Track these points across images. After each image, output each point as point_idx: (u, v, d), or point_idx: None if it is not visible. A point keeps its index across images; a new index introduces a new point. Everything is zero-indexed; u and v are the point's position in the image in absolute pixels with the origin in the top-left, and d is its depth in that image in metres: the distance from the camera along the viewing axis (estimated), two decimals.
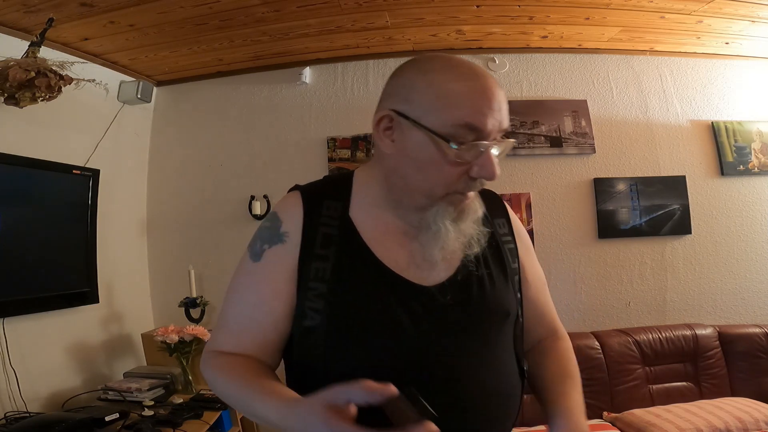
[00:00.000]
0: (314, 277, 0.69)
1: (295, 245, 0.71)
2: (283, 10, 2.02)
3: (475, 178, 0.67)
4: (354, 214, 0.74)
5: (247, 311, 0.73)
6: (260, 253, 0.73)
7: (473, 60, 2.79)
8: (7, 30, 1.89)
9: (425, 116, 0.65)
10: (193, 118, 2.73)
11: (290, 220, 0.73)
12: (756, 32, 2.36)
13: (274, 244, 0.73)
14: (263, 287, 0.72)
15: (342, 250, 0.71)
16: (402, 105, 0.67)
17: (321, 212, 0.73)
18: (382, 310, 0.68)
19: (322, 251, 0.70)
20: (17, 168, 1.82)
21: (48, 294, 1.94)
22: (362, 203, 0.75)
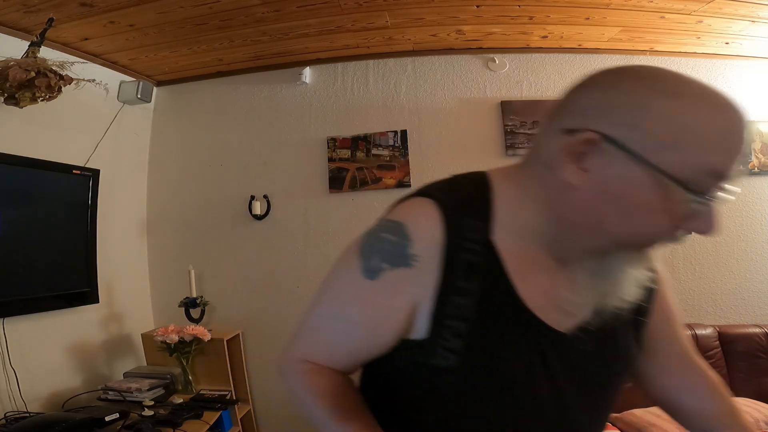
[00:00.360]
0: (453, 314, 0.58)
1: (426, 273, 0.58)
2: (283, 10, 2.02)
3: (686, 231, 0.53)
4: (497, 239, 0.59)
5: (349, 330, 0.63)
6: (376, 271, 0.59)
7: (473, 60, 2.79)
8: (7, 30, 1.89)
9: (658, 152, 0.50)
10: (193, 118, 2.73)
11: (424, 241, 0.58)
12: (756, 32, 2.36)
13: (397, 266, 0.58)
14: (373, 311, 0.61)
15: (486, 285, 0.58)
16: (620, 130, 0.51)
17: (463, 233, 0.58)
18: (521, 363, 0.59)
19: (465, 284, 0.58)
20: (17, 168, 1.82)
21: (48, 294, 1.94)
22: (507, 226, 0.60)
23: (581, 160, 0.54)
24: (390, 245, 0.59)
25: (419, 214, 0.60)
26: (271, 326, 2.56)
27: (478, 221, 0.60)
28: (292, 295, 2.56)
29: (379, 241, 0.61)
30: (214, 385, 2.29)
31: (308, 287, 2.54)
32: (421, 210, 0.60)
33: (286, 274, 2.58)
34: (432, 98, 2.62)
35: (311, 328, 0.67)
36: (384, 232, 0.61)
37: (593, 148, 0.53)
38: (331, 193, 2.57)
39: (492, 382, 0.59)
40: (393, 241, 0.59)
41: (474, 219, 0.60)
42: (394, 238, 0.59)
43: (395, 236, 0.59)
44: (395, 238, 0.59)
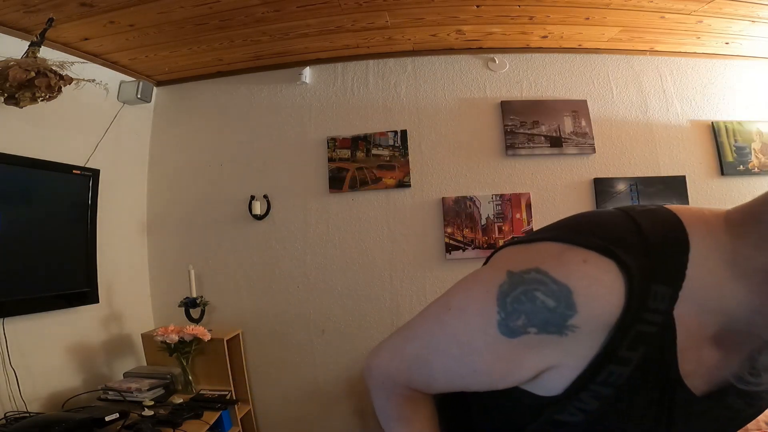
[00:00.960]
0: (603, 381, 0.50)
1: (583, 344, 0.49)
2: (283, 10, 2.03)
3: None
4: (680, 310, 0.48)
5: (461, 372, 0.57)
6: (519, 332, 0.50)
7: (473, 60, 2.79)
8: (7, 30, 1.89)
9: None
10: (193, 118, 2.73)
11: (594, 317, 0.48)
12: (756, 32, 2.36)
13: (548, 332, 0.49)
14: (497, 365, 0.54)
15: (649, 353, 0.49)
16: None
17: (647, 304, 0.47)
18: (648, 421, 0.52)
19: (628, 354, 0.49)
20: (17, 168, 1.82)
21: (48, 294, 1.94)
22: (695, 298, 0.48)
23: None
24: (546, 312, 0.48)
25: (597, 283, 0.47)
26: (271, 326, 2.56)
27: (667, 289, 0.48)
28: (292, 295, 2.56)
29: (531, 300, 0.49)
30: (214, 385, 2.29)
31: (308, 287, 2.55)
32: (601, 278, 0.47)
33: (286, 274, 2.58)
34: (432, 98, 2.62)
35: (419, 357, 0.60)
36: (541, 291, 0.49)
37: None
38: (331, 193, 2.57)
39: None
40: (551, 308, 0.48)
41: (663, 286, 0.48)
42: (554, 305, 0.48)
43: (556, 303, 0.48)
44: (555, 304, 0.48)
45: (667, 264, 0.48)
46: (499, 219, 2.50)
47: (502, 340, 0.51)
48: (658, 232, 0.50)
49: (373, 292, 2.52)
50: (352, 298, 2.52)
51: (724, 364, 0.51)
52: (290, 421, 2.50)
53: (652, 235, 0.49)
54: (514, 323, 0.50)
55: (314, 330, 2.54)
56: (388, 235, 2.54)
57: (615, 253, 0.47)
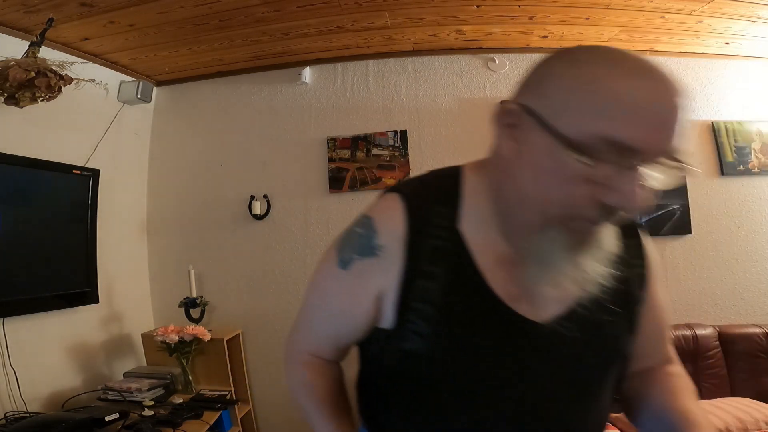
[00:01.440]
0: (419, 297, 0.60)
1: (392, 263, 0.61)
2: (283, 10, 2.02)
3: (608, 205, 0.50)
4: (464, 226, 0.62)
5: (330, 319, 0.70)
6: (348, 262, 0.65)
7: (473, 60, 2.79)
8: (7, 30, 1.89)
9: (559, 117, 0.50)
10: (193, 118, 2.73)
11: (388, 232, 0.62)
12: (756, 32, 2.36)
13: (365, 256, 0.63)
14: (347, 298, 0.66)
15: (451, 269, 0.60)
16: (534, 100, 0.53)
17: (429, 220, 0.61)
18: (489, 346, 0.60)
19: (430, 267, 0.60)
20: (17, 168, 1.82)
21: (48, 294, 1.94)
22: (472, 214, 0.62)
23: (512, 133, 0.56)
24: (359, 237, 0.65)
25: (385, 207, 0.65)
26: (271, 326, 2.56)
27: (445, 209, 0.62)
28: (292, 295, 2.56)
29: (350, 234, 0.67)
30: (214, 385, 2.29)
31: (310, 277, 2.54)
32: (387, 204, 0.65)
33: (286, 274, 2.58)
34: (432, 98, 2.62)
35: (303, 321, 0.75)
36: (355, 226, 0.67)
37: (518, 120, 0.55)
38: (331, 193, 2.57)
39: (460, 367, 0.60)
40: (362, 233, 0.65)
41: (441, 207, 0.62)
42: (363, 231, 0.65)
43: (364, 229, 0.65)
44: (363, 230, 0.65)
45: (442, 190, 0.64)
46: None
47: (342, 274, 0.66)
48: (437, 173, 0.69)
49: None
50: None
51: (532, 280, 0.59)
52: (290, 421, 2.50)
53: (432, 175, 0.69)
54: (345, 255, 0.66)
55: None
56: None
57: (400, 188, 0.65)
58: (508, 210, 0.60)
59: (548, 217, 0.54)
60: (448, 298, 0.60)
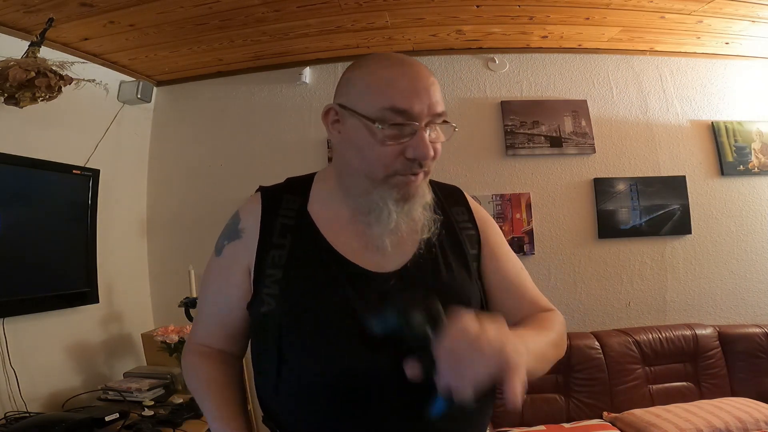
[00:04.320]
0: (271, 264, 0.74)
1: (251, 239, 0.77)
2: (283, 10, 2.02)
3: (412, 158, 0.70)
4: (312, 207, 0.79)
5: (211, 300, 0.83)
6: (221, 248, 0.81)
7: (473, 60, 2.79)
8: (7, 30, 1.89)
9: (358, 104, 0.71)
10: (193, 118, 2.73)
11: (248, 217, 0.79)
12: (756, 32, 2.36)
13: (232, 240, 0.80)
14: (221, 279, 0.80)
15: (297, 238, 0.76)
16: (343, 98, 0.74)
17: (280, 206, 0.79)
18: (335, 297, 0.70)
19: (279, 240, 0.75)
20: (17, 168, 1.82)
21: (48, 294, 1.94)
22: (320, 197, 0.80)
23: (337, 127, 0.75)
24: (227, 228, 0.82)
25: (248, 201, 0.83)
26: None
27: (295, 197, 0.80)
28: None
29: (225, 227, 0.84)
30: None
31: None
32: (250, 198, 0.83)
33: None
34: None
35: (197, 314, 0.87)
36: (228, 221, 0.84)
37: (339, 116, 0.74)
38: None
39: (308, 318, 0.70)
40: (229, 224, 0.82)
41: (293, 195, 0.81)
42: (231, 221, 0.83)
43: (231, 220, 0.83)
44: (231, 221, 0.82)
45: (296, 185, 0.83)
46: (499, 219, 2.50)
47: (217, 260, 0.82)
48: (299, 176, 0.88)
49: None
50: None
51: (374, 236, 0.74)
52: None
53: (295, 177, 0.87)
54: (219, 245, 0.82)
55: None
56: None
57: (261, 187, 0.84)
58: (348, 184, 0.77)
59: (375, 178, 0.72)
60: (292, 261, 0.74)
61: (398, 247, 0.75)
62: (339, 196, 0.79)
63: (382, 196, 0.72)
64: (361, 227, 0.75)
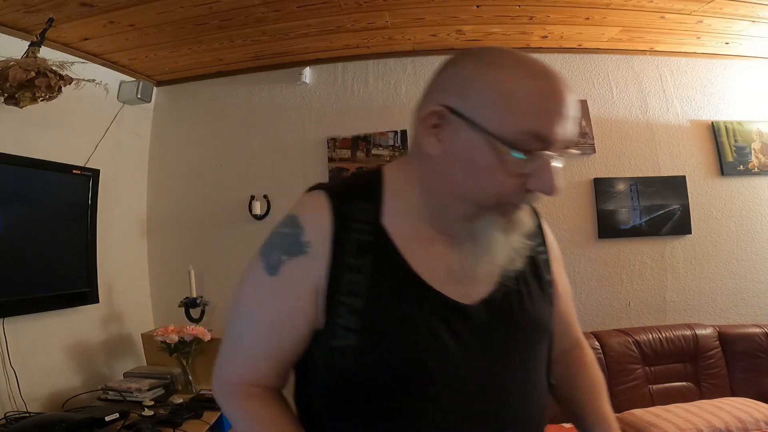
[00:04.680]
0: (347, 291, 0.60)
1: (320, 256, 0.61)
2: (283, 10, 2.02)
3: (531, 191, 0.59)
4: (387, 220, 0.64)
5: (266, 333, 0.65)
6: (277, 265, 0.63)
7: None
8: (7, 30, 1.89)
9: (485, 117, 0.56)
10: (193, 118, 2.73)
11: (314, 227, 0.62)
12: (756, 32, 2.36)
13: (294, 255, 0.62)
14: (282, 305, 0.63)
15: (378, 261, 0.62)
16: (457, 101, 0.58)
17: (352, 216, 0.63)
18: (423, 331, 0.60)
19: (356, 261, 0.61)
20: (17, 168, 1.82)
21: (48, 294, 1.94)
22: (396, 208, 0.65)
23: (437, 133, 0.60)
24: (285, 237, 0.64)
25: (309, 204, 0.65)
26: None
27: (367, 205, 0.64)
28: None
29: (276, 236, 0.65)
30: None
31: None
32: (311, 201, 0.65)
33: None
34: None
35: (233, 345, 0.68)
36: (280, 227, 0.66)
37: (443, 121, 0.59)
38: None
39: (391, 356, 0.60)
40: (288, 233, 0.64)
41: (363, 203, 0.64)
42: (289, 230, 0.64)
43: (290, 228, 0.64)
44: (289, 230, 0.64)
45: (364, 188, 0.66)
46: None
47: (272, 281, 0.63)
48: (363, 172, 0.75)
49: None
50: None
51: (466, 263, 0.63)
52: None
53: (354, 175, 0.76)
54: (272, 260, 0.63)
55: None
56: None
57: (323, 186, 0.67)
58: (439, 203, 0.63)
59: (481, 205, 0.60)
60: (375, 289, 0.60)
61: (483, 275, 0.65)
62: (422, 213, 0.65)
63: (489, 225, 0.61)
64: (445, 251, 0.64)
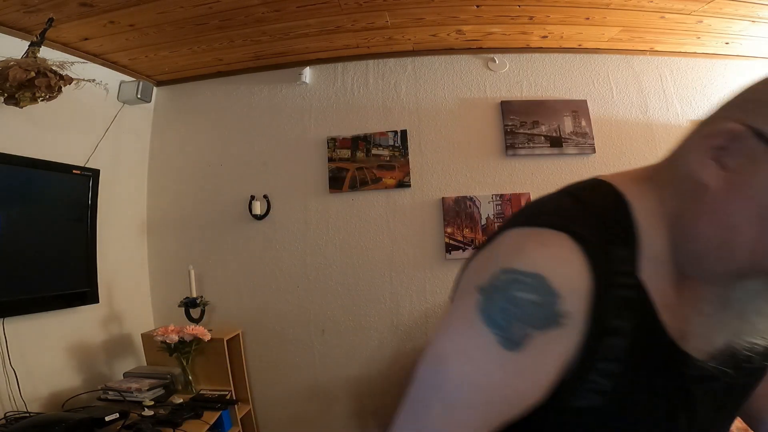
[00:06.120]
0: (604, 356, 0.49)
1: (578, 325, 0.48)
2: (283, 10, 2.03)
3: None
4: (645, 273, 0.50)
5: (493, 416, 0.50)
6: (521, 340, 0.47)
7: (473, 60, 2.79)
8: (7, 30, 1.89)
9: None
10: (193, 118, 2.73)
11: (573, 293, 0.47)
12: (756, 32, 2.36)
13: (545, 328, 0.47)
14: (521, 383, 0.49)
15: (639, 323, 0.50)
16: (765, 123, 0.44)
17: (613, 268, 0.48)
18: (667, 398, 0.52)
19: (618, 322, 0.49)
20: (17, 168, 1.82)
21: (48, 294, 1.94)
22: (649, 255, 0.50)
23: (722, 157, 0.46)
24: (533, 307, 0.47)
25: (558, 257, 0.48)
26: (271, 326, 2.56)
27: (625, 251, 0.49)
28: (292, 295, 2.56)
29: (515, 304, 0.47)
30: (214, 385, 2.29)
31: (308, 287, 2.55)
32: (559, 252, 0.48)
33: (286, 274, 2.58)
34: (432, 98, 2.62)
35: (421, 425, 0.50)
36: (519, 290, 0.47)
37: (737, 144, 0.45)
38: (331, 193, 2.57)
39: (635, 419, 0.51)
40: (537, 301, 0.47)
41: (620, 249, 0.49)
42: (537, 298, 0.47)
43: (538, 295, 0.47)
44: (538, 297, 0.47)
45: (617, 227, 0.50)
46: (499, 219, 2.50)
47: (513, 356, 0.47)
48: (595, 194, 0.53)
49: (373, 292, 2.52)
50: (352, 298, 2.52)
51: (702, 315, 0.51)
52: (290, 421, 2.50)
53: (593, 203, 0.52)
54: (514, 333, 0.47)
55: (314, 330, 2.54)
56: (388, 235, 2.54)
57: (566, 225, 0.48)
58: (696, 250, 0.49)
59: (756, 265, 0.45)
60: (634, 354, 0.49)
61: None
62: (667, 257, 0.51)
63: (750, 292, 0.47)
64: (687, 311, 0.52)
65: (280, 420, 2.51)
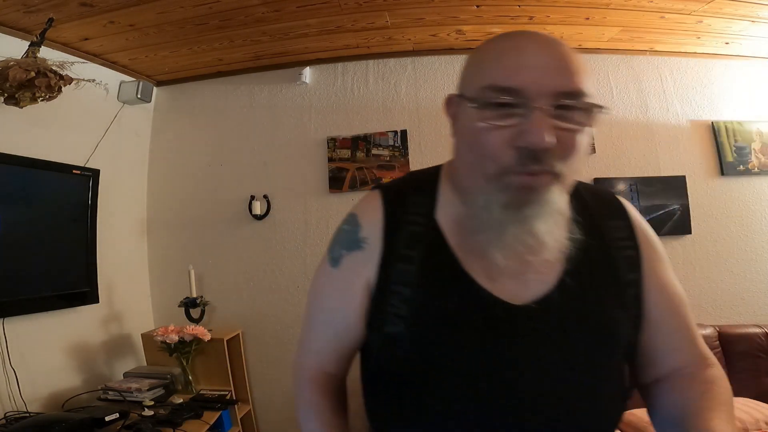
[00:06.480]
0: (398, 280, 0.64)
1: (374, 250, 0.66)
2: (283, 10, 2.03)
3: (523, 147, 0.55)
4: (440, 214, 0.67)
5: (328, 320, 0.71)
6: (338, 258, 0.69)
7: None
8: (7, 30, 1.89)
9: (464, 88, 0.62)
10: (193, 118, 2.73)
11: (370, 224, 0.67)
12: (756, 32, 2.36)
13: (352, 250, 0.68)
14: (340, 295, 0.69)
15: (428, 253, 0.64)
16: (459, 87, 0.65)
17: (406, 209, 0.67)
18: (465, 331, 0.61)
19: (407, 252, 0.64)
20: (17, 168, 1.82)
21: (48, 294, 1.94)
22: (446, 201, 0.68)
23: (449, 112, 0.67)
24: (345, 234, 0.70)
25: (366, 203, 0.71)
26: (271, 326, 2.56)
27: (423, 198, 0.68)
28: (292, 295, 2.56)
29: (338, 233, 0.72)
30: (214, 385, 2.29)
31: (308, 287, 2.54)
32: (369, 200, 0.71)
33: (286, 274, 2.58)
34: (432, 98, 2.62)
35: (305, 331, 0.75)
36: (343, 225, 0.72)
37: (452, 103, 0.66)
38: (331, 193, 2.57)
39: (439, 349, 0.61)
40: (347, 230, 0.70)
41: (420, 196, 0.68)
42: (349, 227, 0.70)
43: (349, 225, 0.70)
44: (349, 227, 0.70)
45: (420, 183, 0.71)
46: None
47: (334, 272, 0.70)
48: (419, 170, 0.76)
49: None
50: None
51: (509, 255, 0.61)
52: (290, 421, 2.50)
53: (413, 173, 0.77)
54: (335, 253, 0.70)
55: None
56: None
57: (379, 185, 0.73)
58: (463, 184, 0.65)
59: (486, 175, 0.58)
60: (424, 280, 0.63)
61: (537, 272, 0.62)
62: (459, 202, 0.66)
63: (488, 200, 0.59)
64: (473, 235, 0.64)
65: (281, 420, 2.51)
